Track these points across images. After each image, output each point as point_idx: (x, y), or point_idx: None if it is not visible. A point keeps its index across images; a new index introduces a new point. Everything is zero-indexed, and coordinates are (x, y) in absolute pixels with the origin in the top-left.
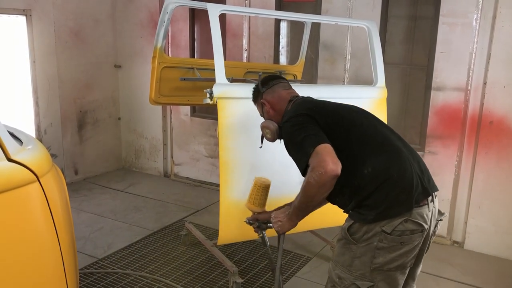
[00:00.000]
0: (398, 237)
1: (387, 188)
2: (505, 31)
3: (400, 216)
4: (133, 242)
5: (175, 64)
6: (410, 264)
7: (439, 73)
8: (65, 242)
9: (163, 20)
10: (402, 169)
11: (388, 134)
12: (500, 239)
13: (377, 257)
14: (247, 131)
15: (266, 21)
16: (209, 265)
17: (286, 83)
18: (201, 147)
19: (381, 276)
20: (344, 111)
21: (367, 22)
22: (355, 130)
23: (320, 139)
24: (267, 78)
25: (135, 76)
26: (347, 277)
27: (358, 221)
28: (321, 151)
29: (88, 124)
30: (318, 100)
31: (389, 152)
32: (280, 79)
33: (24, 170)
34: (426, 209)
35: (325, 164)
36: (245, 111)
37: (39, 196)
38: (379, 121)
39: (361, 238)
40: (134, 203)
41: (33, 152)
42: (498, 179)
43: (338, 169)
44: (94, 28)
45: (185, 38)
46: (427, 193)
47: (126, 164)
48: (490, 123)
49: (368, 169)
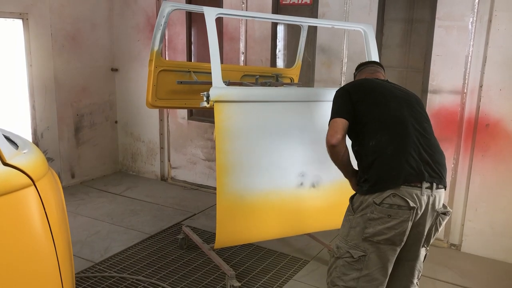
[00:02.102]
0: (386, 209)
1: (380, 163)
2: (501, 34)
3: (389, 190)
4: (130, 246)
5: (172, 67)
6: (400, 242)
7: (435, 76)
8: (61, 246)
9: (159, 24)
10: (399, 150)
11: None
12: (497, 241)
13: (368, 227)
14: (244, 134)
15: (263, 24)
16: (206, 268)
17: (374, 67)
18: (198, 150)
19: (372, 248)
20: (381, 90)
21: (363, 26)
22: (378, 109)
23: (340, 113)
24: (360, 64)
25: (132, 79)
26: (343, 246)
27: (358, 192)
28: (332, 123)
29: (85, 127)
30: (372, 82)
31: (395, 134)
32: (373, 63)
33: (19, 174)
34: (417, 190)
35: (327, 135)
36: (242, 114)
37: (35, 200)
38: (412, 107)
39: (358, 209)
40: (131, 207)
41: (29, 156)
42: (495, 182)
43: (333, 140)
44: (91, 31)
45: (182, 42)
46: (422, 177)
47: (123, 167)
48: (487, 126)
49: (372, 142)
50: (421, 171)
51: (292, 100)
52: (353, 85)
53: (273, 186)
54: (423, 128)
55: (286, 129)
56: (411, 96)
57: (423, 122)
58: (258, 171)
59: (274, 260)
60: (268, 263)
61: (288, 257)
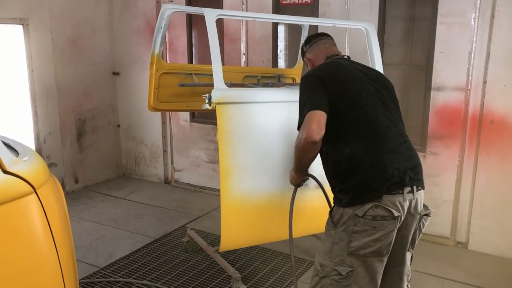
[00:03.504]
0: (370, 221)
1: (359, 174)
2: (503, 30)
3: (371, 202)
4: (135, 250)
5: (173, 70)
6: (386, 252)
7: (438, 73)
8: (64, 254)
9: (160, 26)
10: (377, 158)
11: (386, 124)
12: (505, 239)
13: (353, 241)
14: (247, 136)
15: (263, 25)
16: (211, 271)
17: (328, 40)
18: (201, 152)
19: (359, 261)
20: (355, 87)
21: (365, 24)
22: (354, 113)
23: (317, 104)
24: (311, 36)
25: (134, 83)
26: (328, 264)
27: (336, 205)
28: (311, 117)
29: (88, 132)
30: (343, 67)
31: (372, 142)
32: (323, 35)
33: (20, 182)
34: (399, 198)
35: (307, 130)
36: (244, 116)
37: (36, 208)
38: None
39: (338, 222)
40: (135, 211)
41: (30, 163)
42: (501, 178)
43: (316, 136)
44: (91, 36)
45: (182, 44)
46: (403, 184)
47: (127, 171)
48: (491, 122)
49: (348, 151)
50: (402, 178)
51: (295, 101)
52: (327, 73)
53: (277, 187)
54: (399, 130)
55: (290, 130)
56: (380, 83)
57: (398, 123)
58: (262, 172)
59: (280, 262)
60: (273, 265)
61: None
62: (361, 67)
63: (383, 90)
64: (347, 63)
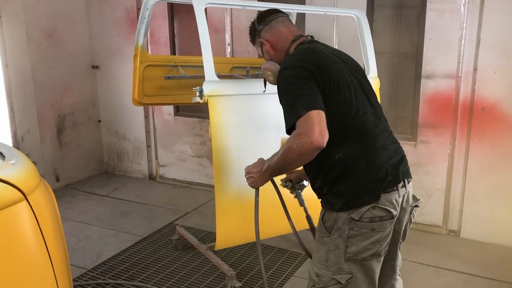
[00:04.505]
0: (368, 224)
1: (354, 178)
2: (493, 16)
3: (367, 205)
4: (123, 250)
5: (158, 62)
6: (385, 252)
7: (428, 61)
8: (57, 262)
9: (143, 17)
10: (372, 159)
11: (373, 120)
12: (496, 225)
13: (350, 246)
14: (241, 129)
15: (249, 14)
16: (204, 269)
17: (285, 17)
18: (186, 147)
19: (357, 266)
20: (343, 81)
21: (356, 11)
22: (344, 110)
23: (316, 103)
24: (264, 13)
25: (114, 76)
26: (324, 274)
27: (328, 209)
28: (312, 117)
29: (68, 128)
30: (325, 55)
31: (364, 141)
32: (279, 12)
33: (9, 188)
34: (395, 195)
35: (312, 133)
36: (237, 108)
37: (27, 216)
38: (371, 103)
39: (332, 228)
40: (120, 208)
41: (18, 167)
42: (493, 166)
43: (324, 141)
44: (68, 28)
45: (164, 35)
46: (397, 180)
47: (109, 167)
48: (482, 109)
49: (340, 155)
50: (396, 174)
51: None
52: (314, 64)
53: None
54: (383, 123)
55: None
56: (358, 70)
57: (381, 115)
58: None
59: (273, 257)
60: (267, 260)
61: (287, 252)
62: (335, 51)
63: (363, 79)
64: (324, 48)
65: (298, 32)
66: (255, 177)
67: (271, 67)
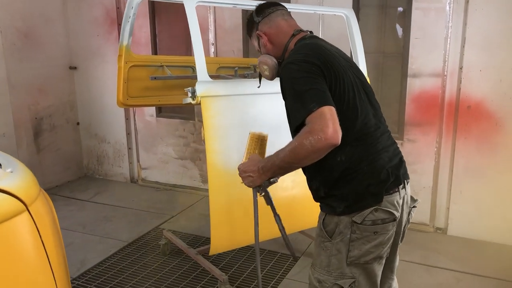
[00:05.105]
0: (370, 227)
1: (356, 180)
2: (478, 15)
3: (370, 207)
4: (108, 256)
5: (143, 62)
6: (387, 254)
7: (414, 60)
8: (59, 274)
9: (128, 16)
10: (374, 162)
11: (374, 122)
12: (482, 222)
13: (352, 250)
14: (236, 131)
15: (233, 13)
16: (194, 274)
17: (285, 11)
18: (169, 148)
19: (359, 270)
20: (347, 80)
21: (345, 10)
22: (348, 110)
23: (327, 99)
24: (263, 5)
25: (93, 77)
26: (327, 279)
27: (329, 213)
28: (326, 114)
29: (45, 131)
30: (330, 53)
31: (367, 144)
32: (278, 5)
33: (10, 199)
34: (396, 196)
35: (327, 130)
36: (232, 109)
37: (28, 229)
38: (372, 103)
39: (334, 232)
40: (103, 213)
41: (18, 176)
42: (479, 163)
43: (339, 139)
44: (45, 28)
45: (145, 35)
46: (398, 181)
47: (89, 171)
48: (468, 107)
49: (342, 157)
50: (397, 176)
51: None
52: (320, 60)
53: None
54: (383, 124)
55: (280, 123)
56: (359, 70)
57: (381, 116)
58: None
59: (264, 259)
60: None
61: (277, 254)
62: (336, 49)
63: (363, 78)
64: (327, 45)
65: (298, 27)
66: (253, 176)
67: (267, 61)
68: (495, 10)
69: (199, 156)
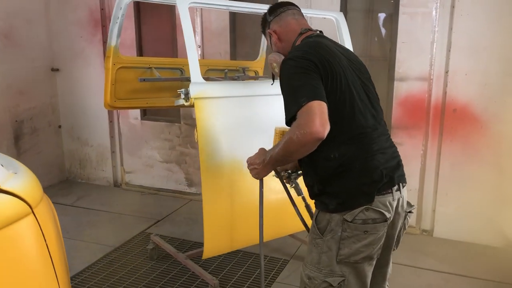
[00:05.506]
0: (361, 226)
1: (348, 179)
2: (464, 20)
3: (361, 206)
4: (94, 262)
5: (131, 64)
6: (377, 255)
7: (401, 63)
8: (62, 278)
9: (116, 16)
10: (368, 161)
11: (372, 122)
12: (468, 224)
13: (342, 248)
14: (230, 133)
15: (220, 15)
16: (183, 279)
17: (296, 10)
18: (154, 152)
19: (349, 269)
20: (345, 79)
21: (335, 14)
22: (344, 109)
23: (318, 94)
24: (275, 5)
25: (76, 79)
26: (316, 276)
27: (321, 210)
28: (313, 108)
29: (26, 134)
30: (331, 51)
31: (361, 144)
32: (290, 5)
33: (16, 201)
34: (389, 198)
35: (312, 125)
36: (226, 111)
37: (34, 232)
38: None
39: (325, 229)
40: (87, 218)
41: (23, 179)
42: (464, 165)
43: (325, 132)
44: (26, 28)
45: (130, 37)
46: (392, 183)
47: (71, 175)
48: (454, 111)
49: (335, 154)
50: (391, 177)
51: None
52: (318, 58)
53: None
54: (382, 127)
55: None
56: (364, 72)
57: (381, 118)
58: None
59: (253, 263)
60: (247, 267)
61: (266, 258)
62: (342, 49)
63: (367, 81)
64: (331, 44)
65: (307, 26)
66: (258, 168)
67: (276, 59)
68: (480, 15)
69: (185, 159)
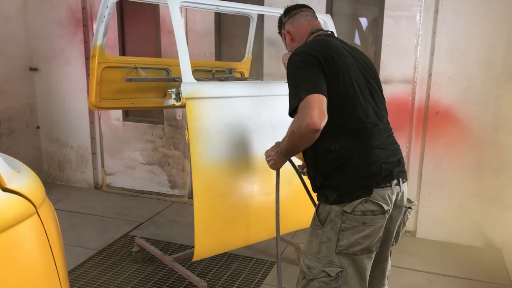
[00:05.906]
0: (360, 217)
1: (347, 171)
2: (447, 24)
3: (359, 198)
4: (77, 265)
5: (117, 63)
6: (376, 248)
7: (386, 66)
8: (64, 280)
9: (102, 15)
10: (367, 155)
11: (374, 119)
12: (450, 224)
13: (342, 239)
14: (222, 133)
15: (205, 16)
16: (169, 281)
17: (309, 12)
18: (136, 153)
19: (348, 260)
20: (348, 75)
21: (323, 16)
22: (346, 104)
23: (318, 88)
24: (291, 7)
25: (55, 79)
26: (315, 266)
27: (322, 202)
28: (312, 101)
29: (3, 135)
30: (337, 49)
31: (361, 139)
32: (304, 7)
33: (21, 201)
34: (388, 191)
35: (308, 117)
36: (218, 111)
37: (38, 232)
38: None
39: (326, 220)
40: (68, 221)
41: (27, 178)
42: (447, 167)
43: (321, 123)
44: (2, 26)
45: (113, 36)
46: (391, 177)
47: (49, 177)
48: (437, 113)
49: (336, 146)
50: (390, 171)
51: (272, 95)
52: (322, 54)
53: (257, 187)
54: (384, 124)
55: (268, 125)
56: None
57: (384, 116)
58: (239, 172)
59: (239, 265)
60: (233, 269)
61: (252, 260)
62: (349, 48)
63: (372, 79)
64: (338, 43)
65: (319, 27)
66: (274, 159)
67: None
68: (463, 19)
69: (168, 161)
